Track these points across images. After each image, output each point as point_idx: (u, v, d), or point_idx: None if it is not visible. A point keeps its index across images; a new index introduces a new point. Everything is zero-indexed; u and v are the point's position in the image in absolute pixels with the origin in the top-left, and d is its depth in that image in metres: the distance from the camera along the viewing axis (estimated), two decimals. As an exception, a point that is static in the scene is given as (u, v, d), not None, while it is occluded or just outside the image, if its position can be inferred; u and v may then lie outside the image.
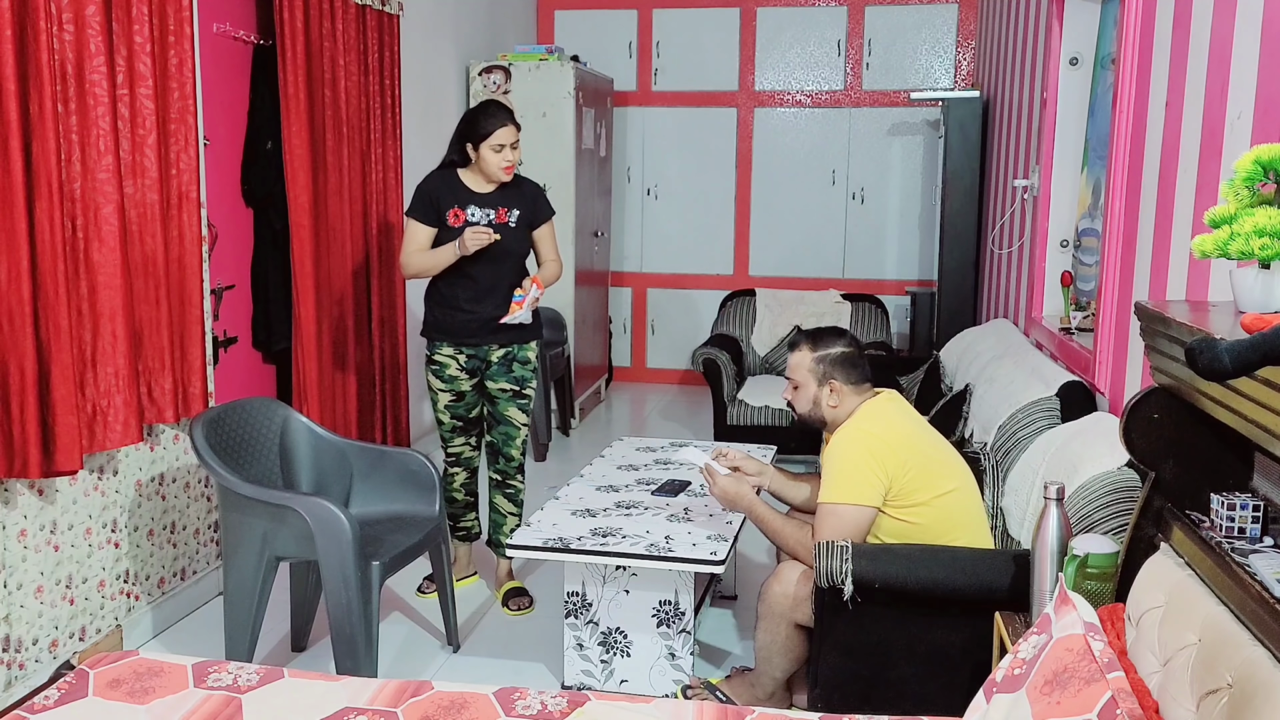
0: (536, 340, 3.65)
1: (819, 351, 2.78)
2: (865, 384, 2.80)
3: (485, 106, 3.51)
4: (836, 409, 2.77)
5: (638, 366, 7.57)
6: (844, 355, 2.77)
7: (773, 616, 2.73)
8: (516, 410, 3.62)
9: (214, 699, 2.04)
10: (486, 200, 3.52)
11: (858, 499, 2.63)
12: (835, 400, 2.77)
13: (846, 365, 2.77)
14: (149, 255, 3.21)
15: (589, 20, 7.23)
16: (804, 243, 7.17)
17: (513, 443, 3.65)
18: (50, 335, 2.79)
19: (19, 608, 2.92)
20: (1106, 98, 3.72)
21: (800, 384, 2.80)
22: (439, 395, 3.62)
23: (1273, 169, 1.67)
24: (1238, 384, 1.54)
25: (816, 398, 2.78)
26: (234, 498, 2.93)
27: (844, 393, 2.76)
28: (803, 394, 2.81)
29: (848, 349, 2.79)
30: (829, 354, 2.77)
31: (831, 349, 2.78)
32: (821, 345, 2.79)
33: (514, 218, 3.53)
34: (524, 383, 3.62)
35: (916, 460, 2.67)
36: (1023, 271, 4.65)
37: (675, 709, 2.07)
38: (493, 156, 3.44)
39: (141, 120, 3.14)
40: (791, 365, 2.83)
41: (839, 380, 2.76)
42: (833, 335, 2.82)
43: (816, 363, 2.77)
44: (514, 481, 3.69)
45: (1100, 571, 2.03)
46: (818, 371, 2.77)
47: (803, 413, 2.83)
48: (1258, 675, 1.42)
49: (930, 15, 6.85)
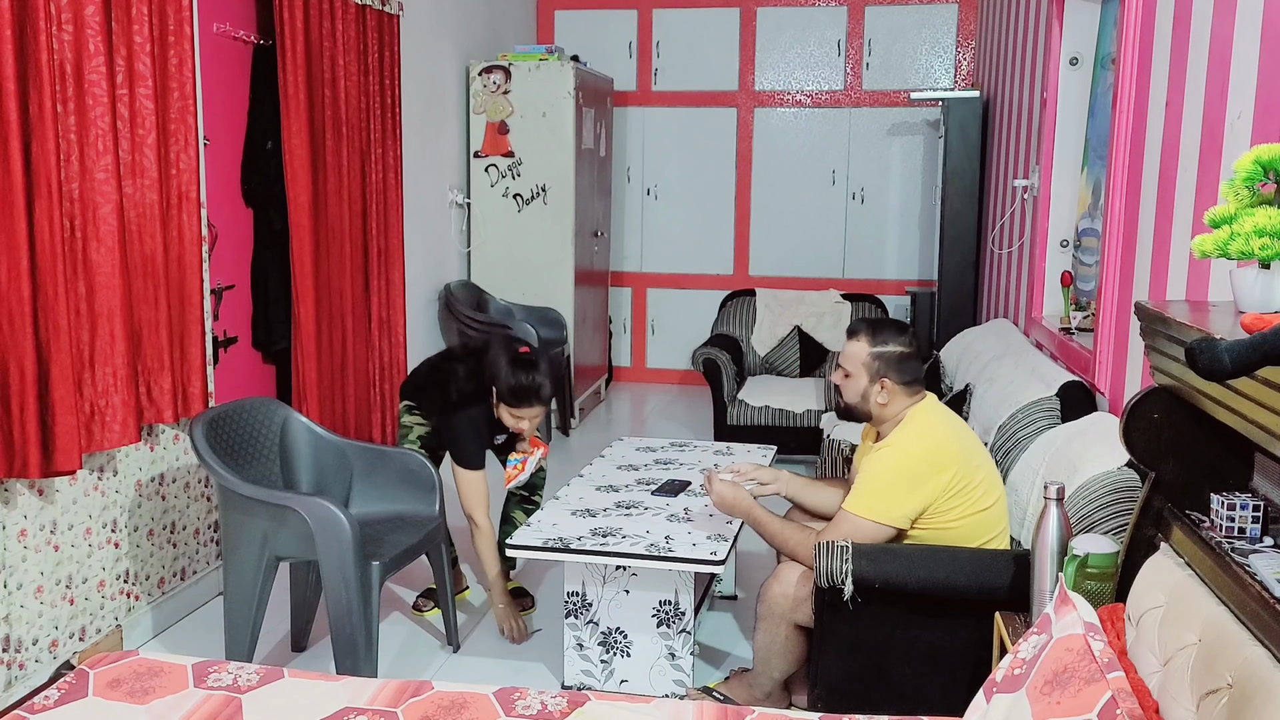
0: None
1: (876, 347, 2.70)
2: (917, 385, 2.73)
3: (527, 389, 3.29)
4: (885, 407, 2.71)
5: (638, 366, 7.57)
6: (901, 355, 2.69)
7: (772, 617, 2.73)
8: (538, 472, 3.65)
9: (214, 699, 2.04)
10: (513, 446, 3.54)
11: (882, 517, 2.59)
12: (885, 399, 2.70)
13: (902, 366, 2.69)
14: (148, 255, 3.21)
15: (589, 20, 7.23)
16: (804, 243, 7.17)
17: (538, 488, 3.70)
18: (49, 335, 2.79)
19: (19, 608, 2.92)
20: (1106, 98, 3.72)
21: (852, 374, 2.73)
22: (413, 429, 3.53)
23: (1273, 169, 1.68)
24: (1238, 384, 1.54)
25: (866, 393, 2.72)
26: (234, 498, 2.93)
27: (895, 393, 2.69)
28: (852, 385, 2.74)
29: (905, 349, 2.71)
30: (886, 352, 2.69)
31: (889, 346, 2.69)
32: (880, 340, 2.71)
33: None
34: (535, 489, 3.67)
35: (959, 481, 2.61)
36: (1023, 271, 4.64)
37: (675, 709, 2.07)
38: (513, 423, 3.35)
39: (141, 120, 3.14)
40: (846, 354, 2.75)
41: (892, 380, 2.69)
42: (893, 331, 2.73)
43: (873, 359, 2.70)
44: (537, 497, 3.70)
45: (1100, 571, 2.03)
46: (872, 368, 2.70)
47: (850, 402, 2.77)
48: (1258, 675, 1.42)
49: (930, 15, 6.85)
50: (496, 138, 6.05)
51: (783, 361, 6.06)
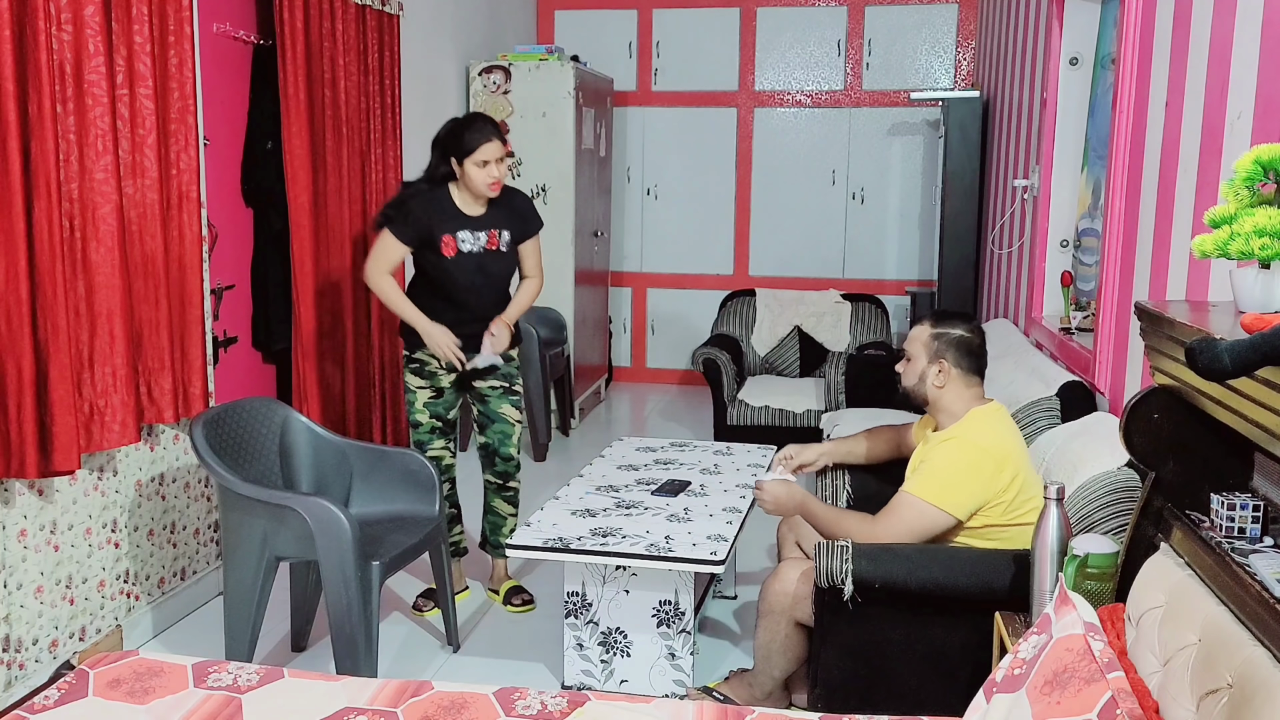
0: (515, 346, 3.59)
1: (939, 329, 2.73)
2: (976, 376, 2.72)
3: (470, 120, 3.37)
4: (941, 390, 2.71)
5: (638, 366, 7.57)
6: (961, 339, 2.70)
7: (773, 615, 2.73)
8: (509, 406, 3.57)
9: (214, 699, 2.04)
10: (478, 223, 3.43)
11: (944, 504, 2.57)
12: (941, 381, 2.70)
13: (961, 349, 2.70)
14: (149, 255, 3.21)
15: (589, 20, 7.23)
16: (804, 243, 7.17)
17: (509, 441, 3.59)
18: (48, 335, 2.79)
19: (19, 608, 2.92)
20: (1106, 98, 3.72)
21: (913, 357, 2.75)
22: (417, 395, 3.54)
23: (1273, 169, 1.68)
24: (1238, 384, 1.54)
25: (924, 374, 2.72)
26: (234, 498, 2.93)
27: (952, 376, 2.69)
28: (912, 367, 2.75)
29: (968, 334, 2.72)
30: (947, 334, 2.71)
31: (951, 330, 2.72)
32: (943, 324, 2.74)
33: (505, 240, 3.47)
34: (512, 379, 3.57)
35: (1017, 485, 2.60)
36: (1023, 271, 4.65)
37: (675, 709, 2.07)
38: (478, 173, 3.32)
39: (141, 120, 3.14)
40: (909, 338, 2.78)
41: (949, 362, 2.69)
42: (958, 318, 2.77)
43: (933, 339, 2.71)
44: (513, 483, 3.65)
45: (1100, 571, 2.03)
46: (931, 347, 2.71)
47: (908, 385, 2.77)
48: (1258, 675, 1.42)
49: (930, 15, 6.85)
50: (496, 138, 6.04)
51: (783, 361, 6.06)
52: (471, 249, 3.43)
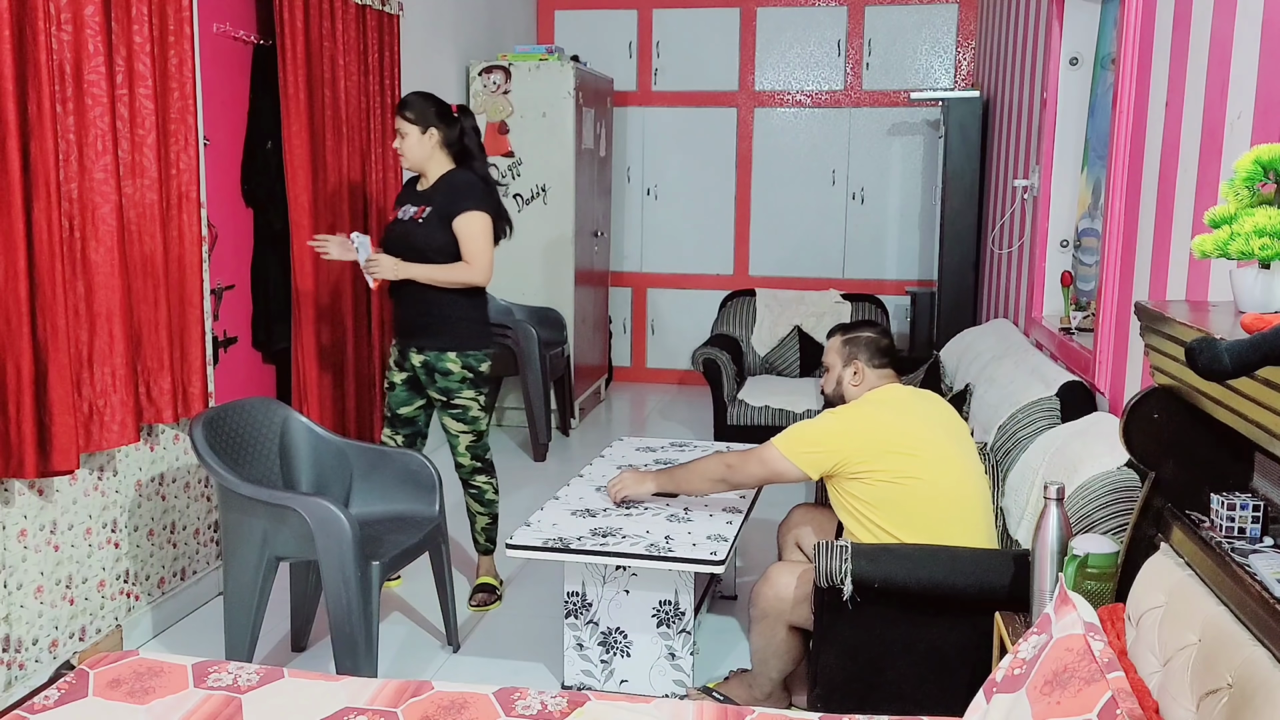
0: (456, 352, 3.50)
1: (848, 335, 2.95)
2: (887, 369, 2.91)
3: None
4: (857, 388, 2.88)
5: (638, 366, 7.57)
6: (870, 339, 2.92)
7: (766, 620, 2.73)
8: (450, 419, 3.57)
9: (214, 699, 2.04)
10: (419, 198, 3.52)
11: (798, 460, 2.73)
12: (858, 380, 2.89)
13: (871, 348, 2.90)
14: (148, 255, 3.21)
15: (589, 20, 7.23)
16: (804, 243, 7.17)
17: (458, 449, 3.61)
18: (47, 335, 2.79)
19: (19, 608, 2.92)
20: (1106, 98, 3.72)
21: (830, 366, 2.95)
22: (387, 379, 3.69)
23: (1273, 169, 1.67)
24: (1238, 384, 1.54)
25: (841, 377, 2.92)
26: (234, 498, 2.93)
27: (865, 373, 2.88)
28: (830, 375, 2.95)
29: (874, 335, 2.93)
30: (857, 337, 2.93)
31: (860, 333, 2.94)
32: (851, 331, 2.97)
33: (428, 214, 3.47)
34: (450, 394, 3.53)
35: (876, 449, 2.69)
36: (1023, 271, 4.65)
37: (675, 709, 2.07)
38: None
39: (141, 120, 3.14)
40: (825, 351, 3.00)
41: (862, 360, 2.89)
42: (865, 325, 3.00)
43: (844, 344, 2.93)
44: (474, 483, 3.67)
45: (1100, 571, 2.03)
46: (844, 353, 2.92)
47: (829, 392, 2.97)
48: (1258, 675, 1.42)
49: (930, 15, 6.85)
50: (496, 138, 6.05)
51: (783, 361, 6.06)
52: (402, 219, 3.53)
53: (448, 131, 3.50)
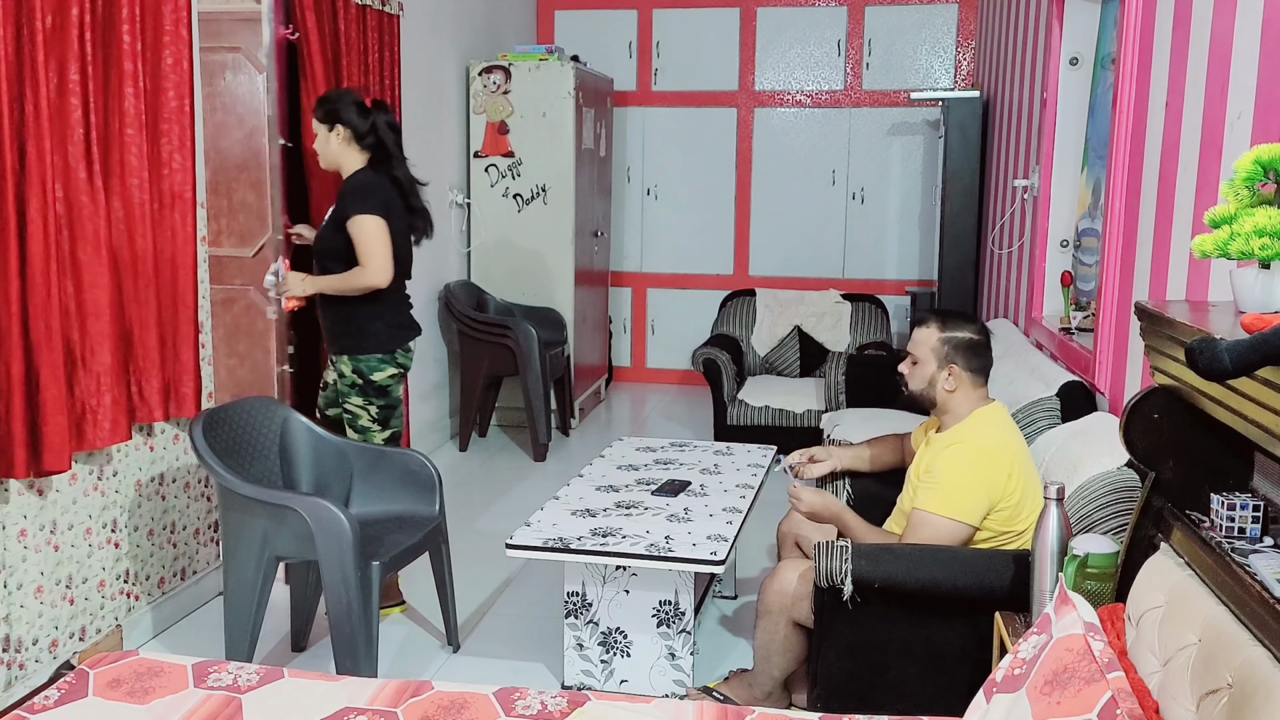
0: (349, 355, 3.40)
1: (947, 333, 2.70)
2: (984, 378, 2.73)
3: None
4: (951, 394, 2.70)
5: (638, 366, 7.57)
6: (971, 342, 2.69)
7: (771, 615, 2.73)
8: (346, 424, 3.48)
9: (214, 699, 2.04)
10: None
11: (957, 514, 2.57)
12: (952, 385, 2.69)
13: (971, 353, 2.69)
14: (139, 255, 3.18)
15: (589, 20, 7.23)
16: (804, 243, 7.17)
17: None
18: (39, 335, 2.77)
19: (19, 608, 2.91)
20: (1106, 98, 3.72)
21: (920, 360, 2.73)
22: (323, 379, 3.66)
23: (1273, 169, 1.67)
24: (1238, 384, 1.54)
25: (934, 379, 2.70)
26: (234, 498, 2.93)
27: (963, 380, 2.69)
28: (920, 371, 2.73)
29: (976, 336, 2.71)
30: (956, 337, 2.69)
31: (960, 333, 2.70)
32: (950, 327, 2.72)
33: (326, 217, 3.46)
34: (341, 397, 3.47)
35: (1019, 488, 2.60)
36: (1023, 271, 4.65)
37: (675, 709, 2.07)
38: None
39: (131, 120, 3.12)
40: (915, 340, 2.75)
41: (960, 366, 2.68)
42: (963, 319, 2.76)
43: (942, 343, 2.69)
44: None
45: (1100, 571, 2.03)
46: (941, 352, 2.69)
47: (915, 390, 2.75)
48: (1258, 675, 1.42)
49: (930, 15, 6.85)
50: (496, 138, 6.05)
51: (783, 361, 6.06)
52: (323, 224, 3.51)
53: (358, 125, 3.37)
